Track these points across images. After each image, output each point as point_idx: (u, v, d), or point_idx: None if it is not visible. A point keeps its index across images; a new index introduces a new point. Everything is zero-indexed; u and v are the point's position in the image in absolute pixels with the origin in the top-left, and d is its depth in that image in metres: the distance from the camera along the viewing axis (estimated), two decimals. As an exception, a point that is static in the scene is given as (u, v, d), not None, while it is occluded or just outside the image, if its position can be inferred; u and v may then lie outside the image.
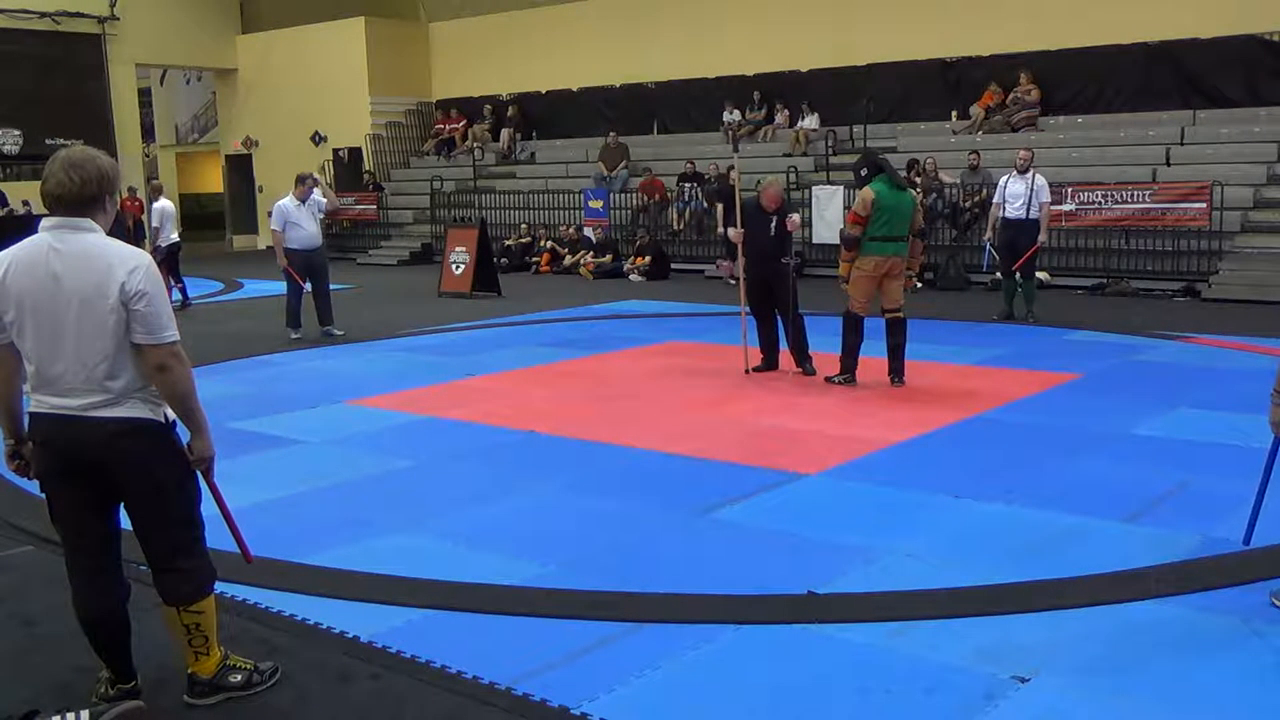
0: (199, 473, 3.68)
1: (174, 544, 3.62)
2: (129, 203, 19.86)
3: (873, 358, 10.15)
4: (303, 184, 12.26)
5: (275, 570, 4.92)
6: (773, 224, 9.55)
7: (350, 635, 4.28)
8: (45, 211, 3.50)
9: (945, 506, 5.74)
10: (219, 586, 3.95)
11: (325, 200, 12.83)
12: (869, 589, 4.66)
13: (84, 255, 3.39)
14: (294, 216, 12.05)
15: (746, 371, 9.55)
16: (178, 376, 3.45)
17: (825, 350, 9.37)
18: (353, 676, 3.96)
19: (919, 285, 15.46)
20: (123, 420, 3.46)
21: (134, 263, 3.40)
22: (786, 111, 20.51)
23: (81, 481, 3.53)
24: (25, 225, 6.99)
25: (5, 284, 3.42)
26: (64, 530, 3.61)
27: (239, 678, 3.78)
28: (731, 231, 9.52)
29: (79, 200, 3.42)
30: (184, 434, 3.66)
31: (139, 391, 3.49)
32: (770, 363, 9.64)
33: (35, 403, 3.51)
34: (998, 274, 13.29)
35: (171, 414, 3.58)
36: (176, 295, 14.86)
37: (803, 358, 9.47)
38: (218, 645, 3.77)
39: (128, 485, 3.53)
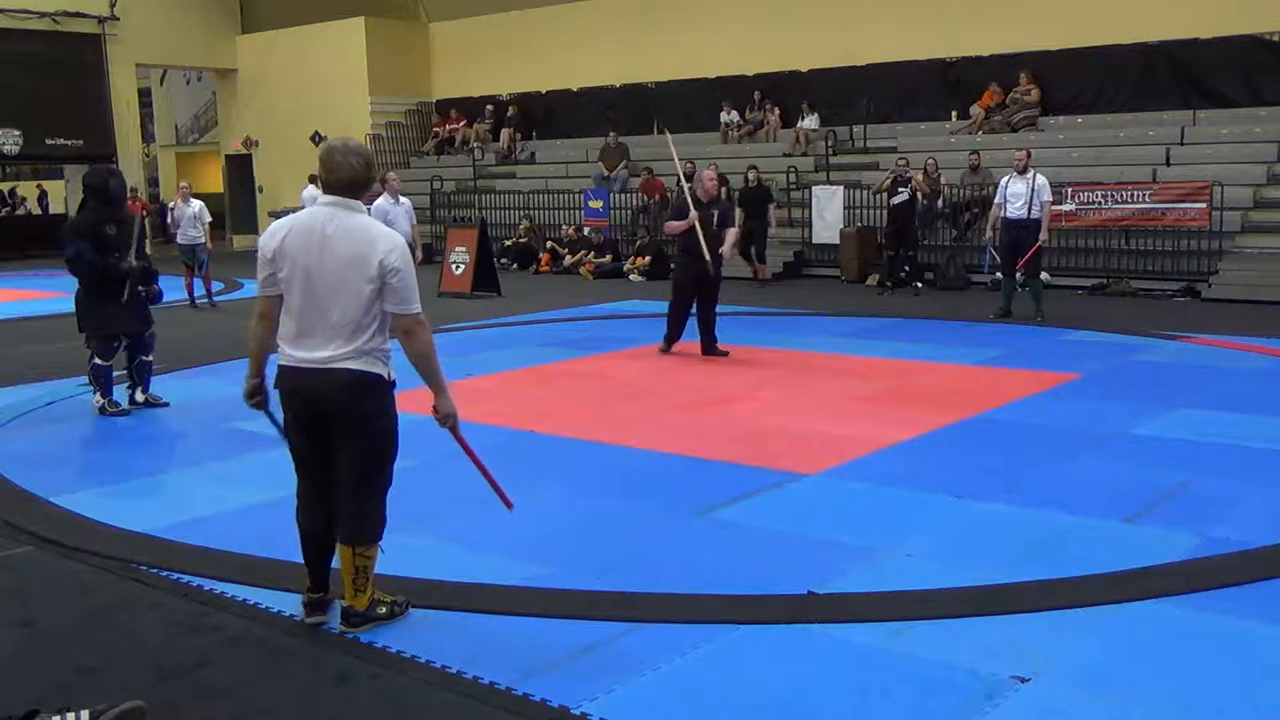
0: (449, 430, 4.30)
1: (369, 486, 4.19)
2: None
3: (871, 357, 10.17)
4: (389, 183, 12.18)
5: (275, 570, 4.92)
6: (713, 218, 10.23)
7: (350, 635, 4.27)
8: (38, 212, 3.69)
9: (945, 506, 5.73)
10: (218, 586, 4.47)
11: (414, 223, 12.80)
12: (869, 589, 4.66)
13: (353, 230, 4.03)
14: (393, 215, 11.93)
15: (664, 351, 10.34)
16: (419, 340, 4.12)
17: (837, 352, 9.33)
18: (353, 676, 3.96)
19: (920, 286, 15.56)
20: (358, 373, 4.07)
21: (392, 243, 4.04)
22: (778, 111, 20.49)
23: (316, 432, 4.16)
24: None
25: (283, 245, 4.06)
26: (297, 464, 4.32)
27: (384, 609, 4.32)
28: (674, 223, 10.24)
29: (352, 183, 4.08)
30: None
31: (377, 351, 4.11)
32: (675, 340, 10.43)
33: (285, 356, 4.13)
34: (998, 274, 13.27)
35: (393, 374, 4.16)
36: (200, 290, 15.43)
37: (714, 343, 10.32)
38: (373, 584, 4.29)
39: (347, 427, 4.10)
